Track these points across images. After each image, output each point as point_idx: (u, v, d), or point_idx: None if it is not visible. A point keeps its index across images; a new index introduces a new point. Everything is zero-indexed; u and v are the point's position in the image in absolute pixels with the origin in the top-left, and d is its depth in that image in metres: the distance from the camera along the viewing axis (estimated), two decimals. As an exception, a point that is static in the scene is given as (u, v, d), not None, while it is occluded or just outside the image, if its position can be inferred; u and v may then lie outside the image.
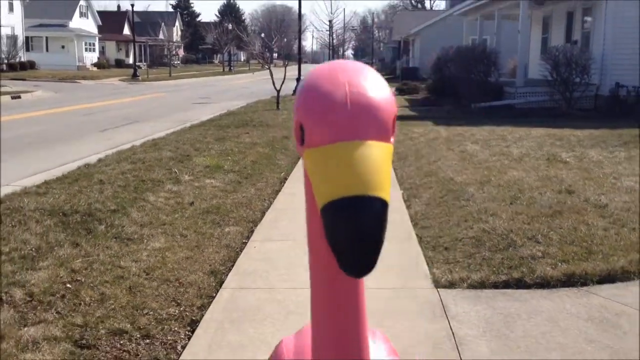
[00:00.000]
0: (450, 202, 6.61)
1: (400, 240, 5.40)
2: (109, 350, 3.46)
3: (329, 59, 55.83)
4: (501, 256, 4.70)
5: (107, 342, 3.55)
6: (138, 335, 3.65)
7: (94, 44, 63.26)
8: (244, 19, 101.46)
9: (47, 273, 4.53)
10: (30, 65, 49.99)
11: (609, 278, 4.26)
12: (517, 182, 7.29)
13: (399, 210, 6.50)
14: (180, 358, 3.38)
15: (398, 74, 44.12)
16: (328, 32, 74.55)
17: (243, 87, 37.08)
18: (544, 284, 4.20)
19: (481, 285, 4.23)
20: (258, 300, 4.14)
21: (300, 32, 30.19)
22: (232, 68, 73.19)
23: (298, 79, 27.71)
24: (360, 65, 0.96)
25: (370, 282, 3.67)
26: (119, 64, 65.06)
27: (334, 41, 74.33)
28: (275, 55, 60.15)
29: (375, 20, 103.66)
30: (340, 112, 0.89)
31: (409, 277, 4.50)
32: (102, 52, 66.20)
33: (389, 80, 43.81)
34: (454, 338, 3.47)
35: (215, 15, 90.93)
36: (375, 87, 0.92)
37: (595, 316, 3.71)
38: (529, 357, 3.22)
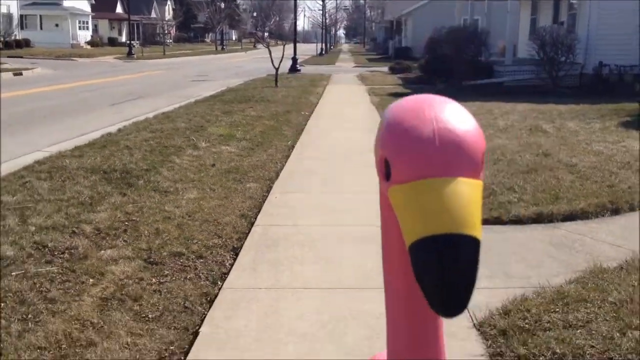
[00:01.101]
0: (442, 163, 7.55)
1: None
2: (173, 266, 4.39)
3: (322, 39, 55.78)
4: (483, 202, 5.65)
5: (170, 260, 4.48)
6: (193, 257, 4.58)
7: (87, 22, 63.44)
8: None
9: (106, 214, 5.44)
10: (26, 43, 50.29)
11: (570, 217, 5.23)
12: (501, 147, 8.24)
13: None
14: (231, 270, 4.32)
15: (390, 54, 44.85)
16: (320, 12, 74.95)
17: (237, 65, 37.69)
18: (518, 221, 5.17)
19: (467, 222, 5.19)
20: (285, 233, 5.08)
21: (296, 12, 30.90)
22: (224, 47, 73.56)
23: (294, 59, 28.43)
24: (445, 99, 0.95)
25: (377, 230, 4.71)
26: (112, 42, 65.29)
27: (327, 21, 74.80)
28: (266, 34, 60.49)
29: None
30: (430, 148, 0.87)
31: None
32: (95, 30, 66.33)
33: (381, 60, 44.55)
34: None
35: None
36: (463, 122, 0.90)
37: (556, 242, 4.68)
38: (502, 267, 4.18)
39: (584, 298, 3.40)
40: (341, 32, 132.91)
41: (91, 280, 4.03)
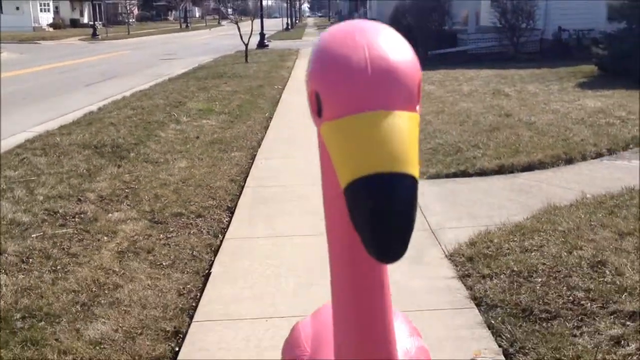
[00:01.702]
0: (412, 127, 8.11)
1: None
2: (176, 224, 4.87)
3: (287, 13, 55.48)
4: (451, 158, 6.24)
5: (172, 220, 4.96)
6: (193, 216, 5.07)
7: (48, 5, 62.36)
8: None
9: (106, 183, 5.88)
10: (-14, 27, 49.46)
11: (529, 167, 5.84)
12: (465, 110, 8.82)
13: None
14: (230, 224, 4.82)
15: (356, 26, 45.04)
16: (284, -14, 74.60)
17: (204, 43, 37.68)
18: (481, 173, 5.76)
19: (437, 176, 5.77)
20: (274, 192, 5.60)
21: (261, -13, 30.99)
22: (188, 25, 72.92)
23: (262, 34, 28.64)
24: (379, 25, 0.88)
25: None
26: (74, 23, 64.32)
27: (291, -5, 74.49)
28: (230, 10, 60.10)
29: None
30: (360, 79, 0.80)
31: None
32: (57, 12, 65.23)
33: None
34: (419, 206, 4.99)
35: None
36: (397, 50, 0.83)
37: (516, 189, 5.28)
38: (468, 211, 4.76)
39: (537, 229, 3.99)
40: (305, 6, 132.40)
41: (105, 238, 4.51)
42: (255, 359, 2.84)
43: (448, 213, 4.78)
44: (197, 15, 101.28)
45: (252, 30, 21.59)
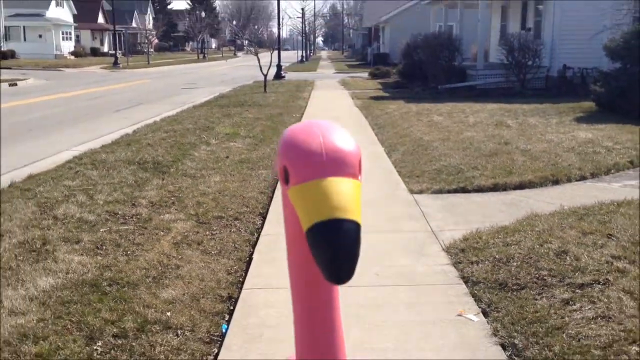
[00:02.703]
0: (420, 152, 9.04)
1: (385, 174, 7.83)
2: (218, 225, 5.79)
3: (302, 46, 56.74)
4: (452, 177, 7.15)
5: (214, 221, 5.88)
6: (231, 219, 5.99)
7: (70, 33, 64.23)
8: (215, 7, 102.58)
9: (154, 192, 6.83)
10: (11, 54, 51.14)
11: (520, 186, 6.74)
12: (469, 138, 9.74)
13: (382, 158, 8.93)
14: (264, 225, 5.74)
15: (369, 60, 46.38)
16: (300, 20, 76.54)
17: (222, 73, 39.02)
18: (478, 190, 6.67)
19: (439, 191, 6.69)
20: (299, 202, 6.51)
21: (279, 20, 32.34)
22: (205, 55, 74.75)
23: (278, 66, 29.84)
24: (330, 123, 1.20)
25: (376, 192, 6.11)
26: (95, 52, 66.20)
27: (306, 28, 76.45)
28: (245, 42, 61.72)
29: (345, 6, 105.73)
30: (318, 157, 1.11)
31: (394, 190, 6.93)
32: (78, 40, 67.12)
33: (360, 66, 46.09)
34: (423, 214, 5.90)
35: (187, 2, 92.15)
36: (343, 139, 1.15)
37: (507, 202, 6.18)
38: (464, 218, 5.65)
39: (518, 230, 4.88)
40: (320, 39, 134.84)
41: (161, 232, 5.43)
42: (290, 313, 3.73)
43: (447, 219, 5.68)
44: (214, 46, 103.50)
45: (271, 62, 22.71)
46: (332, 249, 1.03)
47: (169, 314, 3.76)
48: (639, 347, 2.91)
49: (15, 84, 28.43)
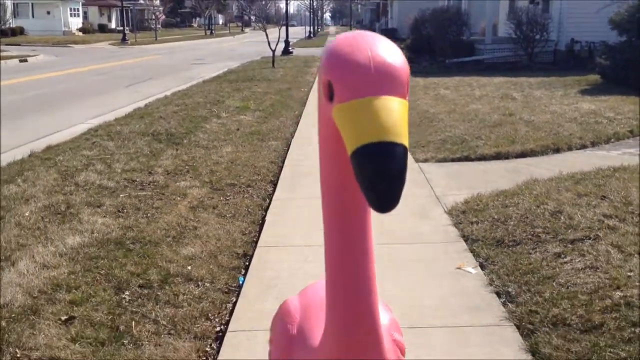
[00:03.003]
0: (426, 124, 9.27)
1: (392, 144, 8.07)
2: (232, 190, 6.07)
3: (310, 22, 56.41)
4: (457, 147, 7.40)
5: (227, 188, 6.16)
6: (244, 186, 6.27)
7: (78, 10, 64.26)
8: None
9: (169, 162, 7.11)
10: (20, 31, 51.36)
11: (522, 154, 6.99)
12: (474, 110, 9.96)
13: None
14: (275, 191, 6.02)
15: (377, 35, 46.11)
16: (307, -5, 76.15)
17: (230, 49, 39.09)
18: (481, 158, 6.92)
19: (443, 160, 6.94)
20: (309, 170, 6.78)
21: (287, -3, 32.35)
22: (213, 31, 74.63)
23: (286, 41, 29.92)
24: (377, 35, 1.10)
25: None
26: (102, 28, 66.23)
27: (314, 4, 76.09)
28: (252, 18, 61.52)
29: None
30: (366, 72, 1.03)
31: (399, 159, 7.19)
32: (85, 17, 67.14)
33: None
34: (427, 180, 6.16)
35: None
36: (392, 53, 1.06)
37: (508, 169, 6.42)
38: (467, 184, 5.91)
39: (517, 193, 5.13)
40: (327, 15, 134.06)
41: (178, 198, 5.72)
42: (302, 267, 4.02)
43: (450, 185, 5.94)
44: (221, 22, 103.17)
45: (279, 38, 22.84)
46: (380, 173, 0.98)
47: (189, 268, 4.05)
48: (621, 292, 3.17)
49: (26, 60, 28.68)
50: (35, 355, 2.95)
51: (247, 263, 4.26)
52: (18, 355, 2.94)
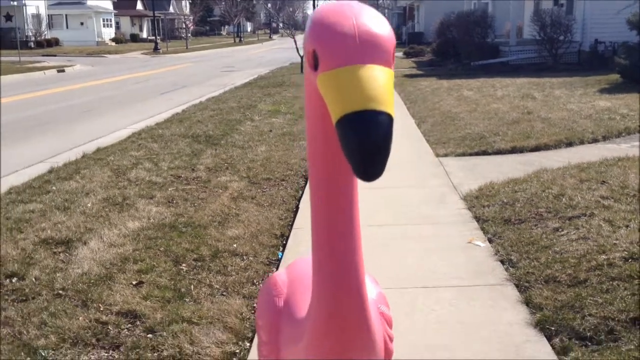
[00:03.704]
0: (448, 122, 9.81)
1: (415, 141, 8.64)
2: (267, 184, 6.70)
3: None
4: (475, 143, 7.94)
5: (264, 182, 6.79)
6: (278, 180, 6.90)
7: (110, 20, 65.86)
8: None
9: (209, 160, 7.77)
10: (55, 42, 52.91)
11: (536, 149, 7.50)
12: (494, 109, 10.46)
13: (413, 129, 9.73)
14: (307, 184, 6.62)
15: (404, 40, 46.70)
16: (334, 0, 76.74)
17: (259, 56, 39.97)
18: (498, 152, 7.46)
19: (462, 154, 7.50)
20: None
21: (314, 3, 33.04)
22: (241, 39, 75.82)
23: (314, 46, 30.54)
24: (363, 4, 1.09)
25: (406, 156, 6.96)
26: (134, 38, 67.79)
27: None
28: (280, 25, 62.32)
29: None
30: (351, 41, 1.02)
31: (422, 154, 7.76)
32: (118, 27, 68.76)
33: (395, 45, 46.38)
34: (446, 172, 6.72)
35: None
36: (377, 22, 1.06)
37: (522, 162, 6.95)
38: (483, 174, 6.45)
39: (526, 180, 5.67)
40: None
41: (220, 190, 6.36)
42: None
43: (467, 176, 6.50)
44: (249, 29, 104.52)
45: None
46: (364, 142, 0.97)
47: (235, 245, 4.68)
48: (606, 256, 3.70)
49: (63, 70, 29.79)
50: (115, 309, 3.59)
51: (284, 242, 4.88)
52: (101, 309, 3.59)
